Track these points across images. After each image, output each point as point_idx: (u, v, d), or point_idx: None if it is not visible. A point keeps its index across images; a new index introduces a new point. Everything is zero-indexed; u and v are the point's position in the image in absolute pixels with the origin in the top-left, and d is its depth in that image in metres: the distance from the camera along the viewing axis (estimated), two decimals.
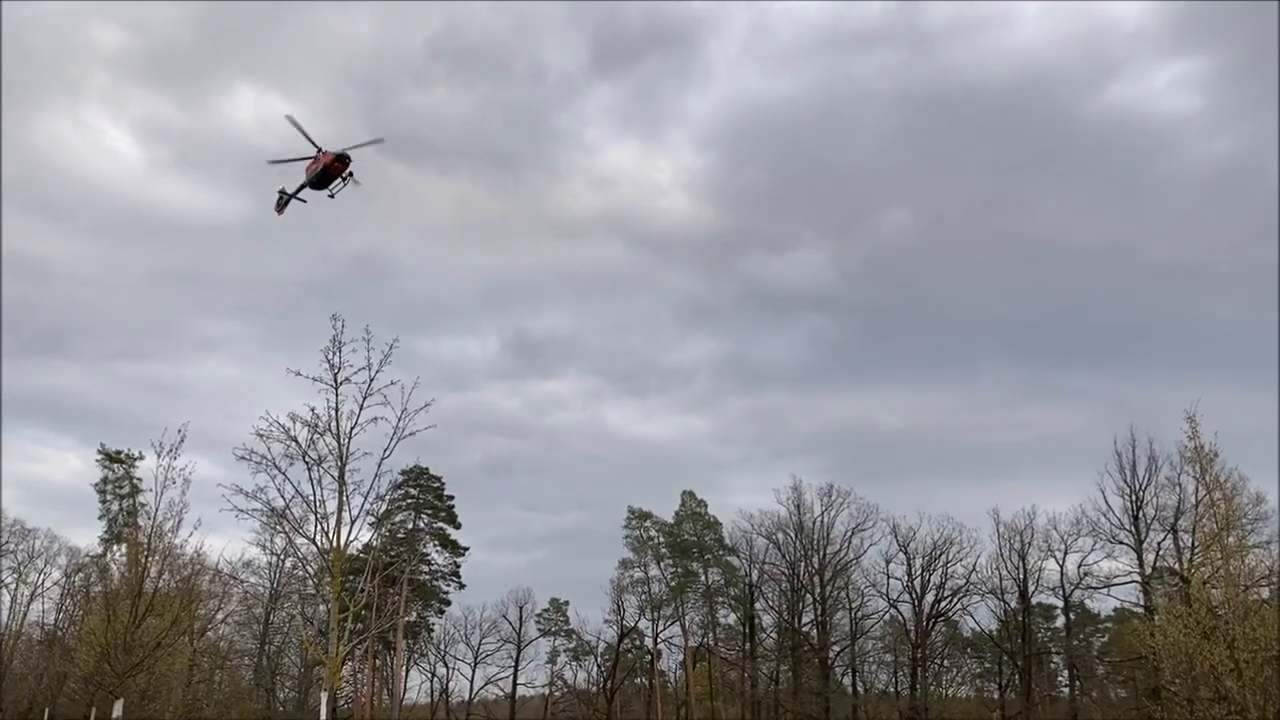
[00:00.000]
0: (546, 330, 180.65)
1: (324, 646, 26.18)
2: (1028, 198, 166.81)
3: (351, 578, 34.33)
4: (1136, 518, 70.76)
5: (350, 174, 44.60)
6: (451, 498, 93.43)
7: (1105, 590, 76.69)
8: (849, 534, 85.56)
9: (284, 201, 47.75)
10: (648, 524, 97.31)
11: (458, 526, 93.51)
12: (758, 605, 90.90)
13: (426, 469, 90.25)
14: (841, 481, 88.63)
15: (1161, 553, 69.82)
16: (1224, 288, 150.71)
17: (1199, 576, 40.81)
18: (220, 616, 76.97)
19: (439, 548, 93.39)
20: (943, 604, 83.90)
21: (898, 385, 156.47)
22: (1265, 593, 41.49)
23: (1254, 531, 55.85)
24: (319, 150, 45.17)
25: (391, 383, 25.67)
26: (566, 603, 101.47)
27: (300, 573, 65.81)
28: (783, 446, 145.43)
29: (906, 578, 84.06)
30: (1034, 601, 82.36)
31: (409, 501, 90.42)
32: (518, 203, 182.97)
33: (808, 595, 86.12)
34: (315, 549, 25.93)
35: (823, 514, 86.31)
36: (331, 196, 45.81)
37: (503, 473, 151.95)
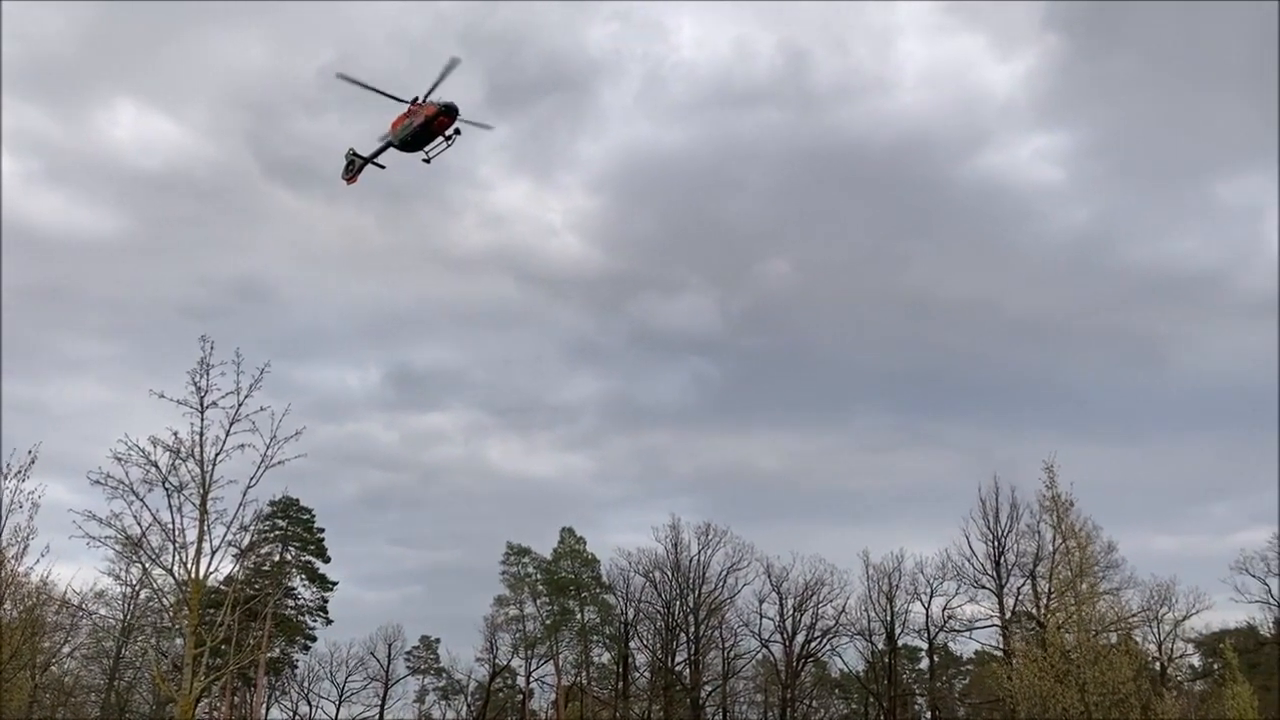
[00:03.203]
0: (430, 363, 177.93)
1: (177, 682, 24.92)
2: (903, 254, 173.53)
3: (211, 611, 32.87)
4: (998, 563, 73.42)
5: (458, 130, 37.13)
6: (322, 531, 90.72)
7: (968, 633, 79.29)
8: (724, 573, 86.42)
9: (357, 167, 40.85)
10: (526, 560, 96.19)
11: (327, 560, 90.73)
12: (632, 644, 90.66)
13: (297, 500, 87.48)
14: (719, 521, 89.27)
15: (1021, 597, 72.53)
16: (1079, 349, 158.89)
17: (1054, 621, 42.53)
18: (67, 650, 72.61)
19: (306, 581, 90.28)
20: (813, 644, 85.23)
21: (776, 429, 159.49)
22: (1114, 638, 43.49)
23: (1105, 579, 58.78)
24: (416, 100, 37.40)
25: (261, 409, 24.71)
26: (438, 640, 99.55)
27: (156, 605, 62.67)
28: (664, 486, 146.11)
29: (779, 617, 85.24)
30: (900, 643, 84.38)
31: (276, 533, 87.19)
32: (407, 235, 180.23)
33: (682, 634, 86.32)
34: (173, 580, 24.73)
35: (699, 553, 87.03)
36: (427, 160, 38.28)
37: (379, 506, 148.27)
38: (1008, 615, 72.37)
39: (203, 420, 24.68)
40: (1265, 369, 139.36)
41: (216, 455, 24.52)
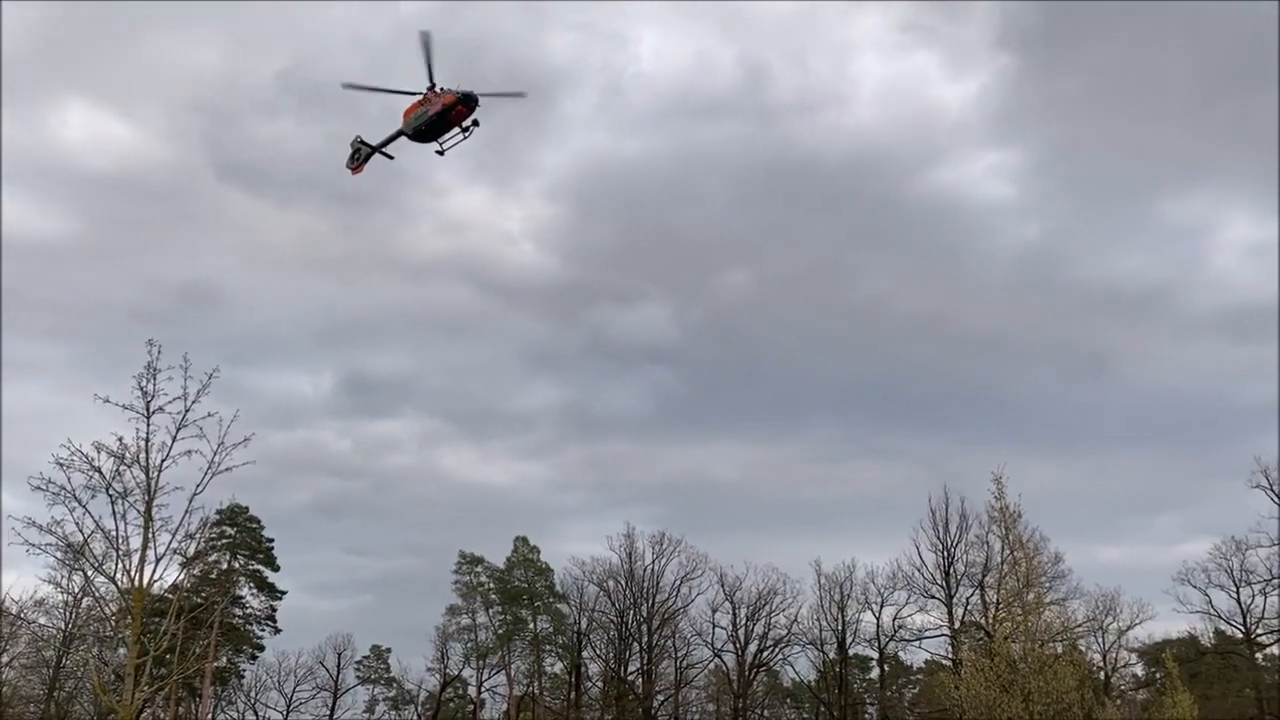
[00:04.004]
0: (385, 370, 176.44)
1: (119, 693, 24.45)
2: (857, 266, 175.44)
3: (156, 620, 32.30)
4: (948, 573, 74.29)
5: (476, 122, 35.71)
6: (271, 539, 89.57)
7: (918, 643, 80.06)
8: (678, 582, 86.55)
9: (363, 157, 38.94)
10: (479, 569, 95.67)
11: (275, 569, 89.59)
12: (585, 653, 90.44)
13: (246, 508, 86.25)
14: (674, 530, 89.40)
15: (969, 607, 73.43)
16: (1028, 362, 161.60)
17: (1001, 632, 43.06)
18: (4, 659, 70.92)
19: (254, 590, 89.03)
20: (765, 654, 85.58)
21: (732, 439, 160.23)
22: (1060, 647, 44.14)
23: (1052, 589, 59.73)
24: (433, 88, 35.78)
25: (209, 414, 24.34)
26: (388, 650, 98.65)
27: (98, 613, 61.42)
28: (620, 495, 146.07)
29: (731, 627, 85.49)
30: (851, 653, 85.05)
31: (225, 541, 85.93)
32: (362, 241, 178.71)
33: (635, 643, 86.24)
34: (116, 588, 24.25)
35: (654, 562, 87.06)
36: (441, 153, 36.61)
37: (331, 515, 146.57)
38: (957, 625, 73.20)
39: (149, 425, 24.23)
40: (1208, 384, 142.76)
41: (162, 461, 24.08)
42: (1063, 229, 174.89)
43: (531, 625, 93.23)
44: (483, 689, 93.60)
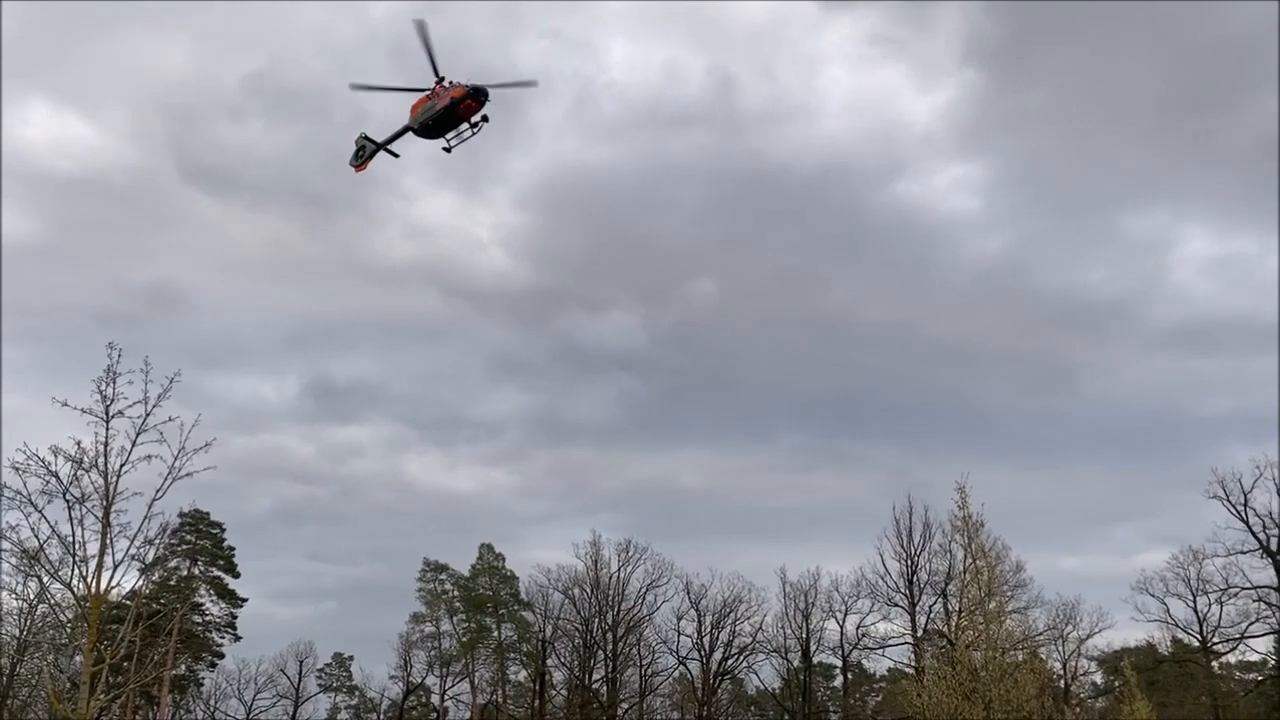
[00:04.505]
0: (351, 376, 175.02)
1: (75, 701, 24.04)
2: (824, 276, 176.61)
3: (113, 627, 31.80)
4: (911, 582, 74.85)
5: (485, 117, 34.84)
6: (232, 545, 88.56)
7: (881, 651, 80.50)
8: (644, 590, 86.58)
9: (368, 153, 37.97)
10: (443, 577, 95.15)
11: (236, 575, 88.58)
12: (549, 661, 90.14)
13: (207, 514, 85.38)
14: (640, 538, 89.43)
15: (932, 616, 74.04)
16: (992, 373, 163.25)
17: (963, 640, 43.34)
18: None
19: (215, 597, 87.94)
20: (730, 662, 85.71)
21: (699, 447, 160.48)
22: (1020, 656, 44.55)
23: (1014, 598, 60.36)
24: (441, 81, 34.77)
25: (170, 419, 24.02)
26: (351, 657, 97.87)
27: (54, 620, 60.35)
28: (587, 502, 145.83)
29: (696, 635, 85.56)
30: (815, 661, 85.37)
31: (185, 547, 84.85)
32: (330, 245, 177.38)
33: (600, 651, 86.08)
34: (72, 595, 23.86)
35: (619, 570, 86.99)
36: (448, 150, 35.70)
37: (294, 521, 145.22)
38: (919, 633, 73.72)
39: (108, 430, 23.87)
40: (1166, 396, 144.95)
41: (121, 466, 23.73)
42: (1026, 242, 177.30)
43: (496, 633, 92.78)
44: (446, 697, 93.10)
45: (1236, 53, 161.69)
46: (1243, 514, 69.80)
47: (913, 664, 73.84)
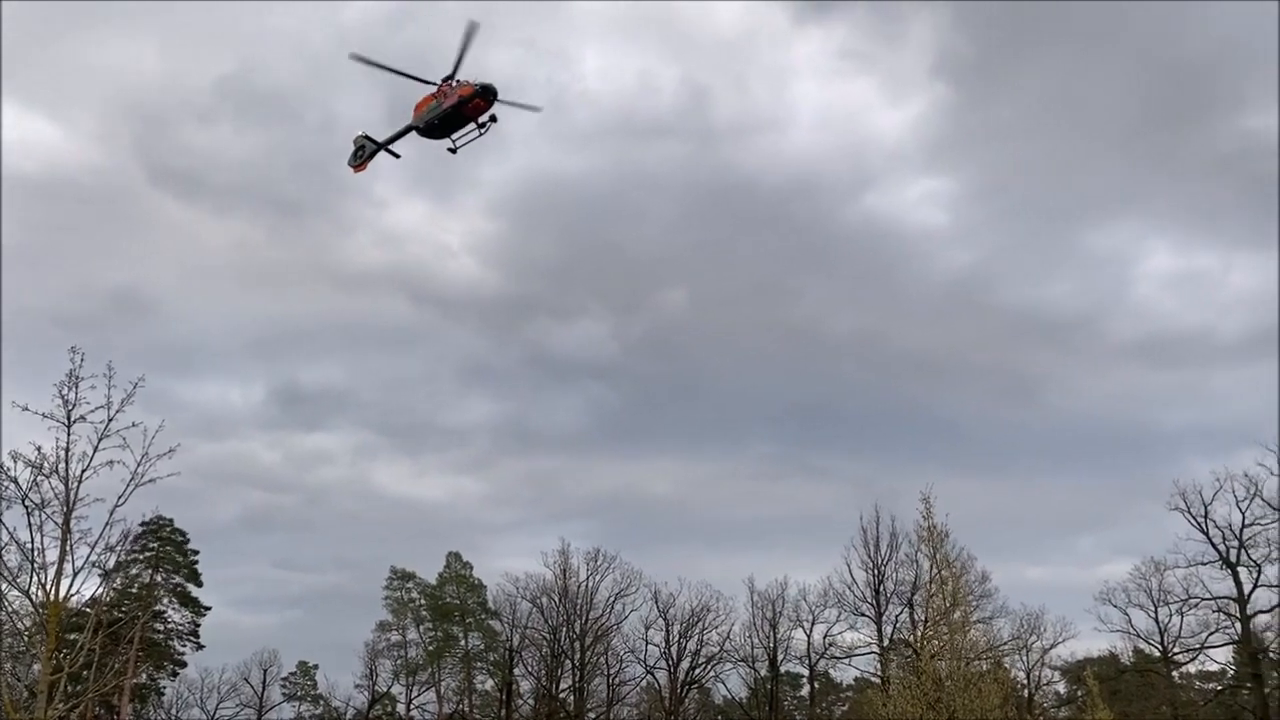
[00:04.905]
0: (319, 382, 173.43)
1: (31, 710, 23.71)
2: (795, 287, 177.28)
3: (73, 635, 31.35)
4: (878, 591, 75.24)
5: (494, 117, 33.85)
6: (196, 552, 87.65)
7: (847, 660, 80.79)
8: (612, 599, 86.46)
9: (368, 153, 36.78)
10: (410, 585, 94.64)
11: (200, 583, 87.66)
12: (516, 671, 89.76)
13: (170, 520, 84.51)
14: (609, 547, 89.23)
15: (898, 625, 74.40)
16: (959, 385, 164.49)
17: (928, 650, 43.63)
18: None
19: (177, 605, 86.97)
20: (697, 671, 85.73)
21: (668, 455, 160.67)
22: (985, 665, 44.93)
23: (979, 608, 60.88)
24: (449, 80, 33.63)
25: (133, 424, 23.74)
26: (316, 666, 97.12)
27: (10, 628, 59.34)
28: (556, 511, 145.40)
29: (665, 644, 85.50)
30: (782, 670, 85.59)
31: (147, 554, 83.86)
32: (299, 251, 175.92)
33: (567, 660, 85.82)
34: (30, 602, 23.51)
35: (588, 579, 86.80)
36: (454, 151, 34.66)
37: (260, 528, 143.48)
38: (886, 643, 74.06)
39: (69, 435, 23.57)
40: (1129, 409, 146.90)
41: (83, 472, 23.42)
42: (993, 255, 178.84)
43: (463, 642, 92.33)
44: (412, 706, 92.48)
45: (1199, 72, 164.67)
46: (1203, 525, 70.88)
47: (879, 674, 74.25)
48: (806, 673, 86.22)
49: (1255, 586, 69.08)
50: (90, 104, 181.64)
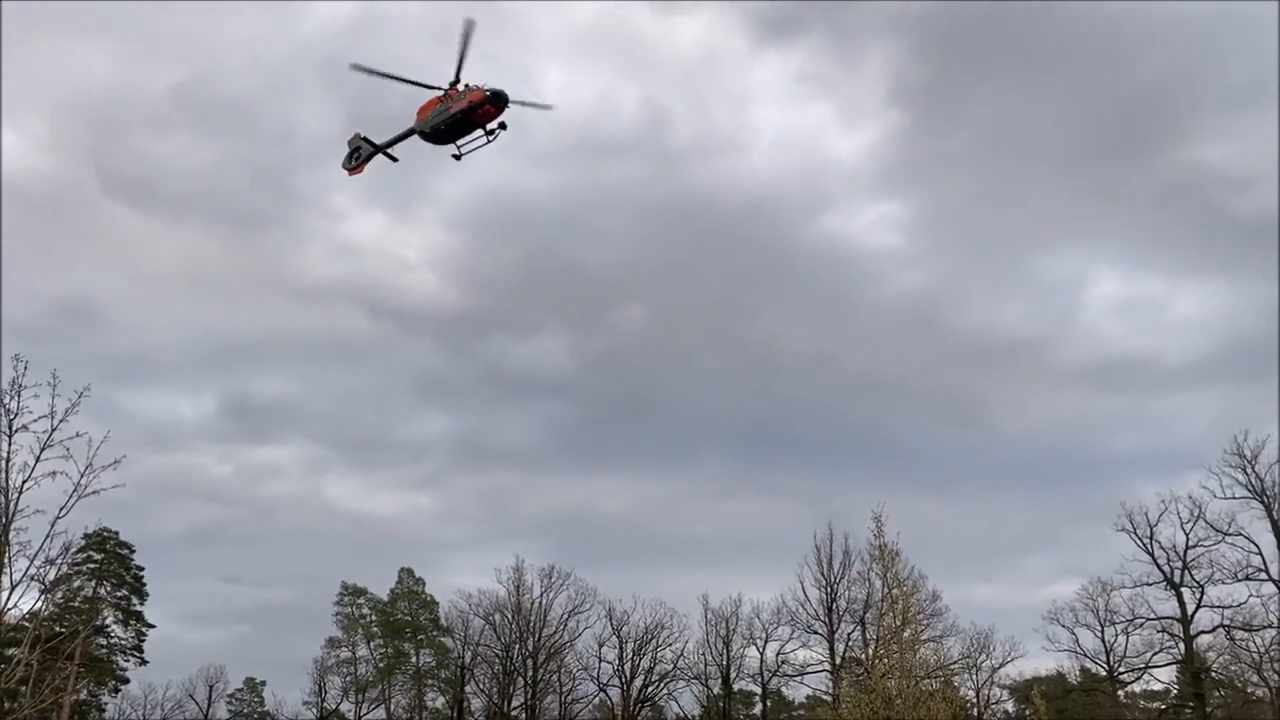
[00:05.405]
0: (271, 395, 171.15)
1: None
2: (751, 306, 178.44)
3: (11, 651, 30.60)
4: (830, 609, 75.65)
5: (504, 124, 33.31)
6: (141, 566, 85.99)
7: (800, 678, 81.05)
8: (565, 616, 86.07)
9: (364, 156, 35.62)
10: (361, 601, 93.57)
11: (144, 597, 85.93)
12: (468, 688, 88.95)
13: (115, 533, 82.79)
14: (564, 564, 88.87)
15: (850, 643, 74.79)
16: (911, 405, 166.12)
17: (879, 668, 43.97)
18: None
19: (121, 619, 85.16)
20: (650, 689, 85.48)
21: (624, 473, 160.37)
22: (935, 684, 45.31)
23: (929, 627, 61.38)
24: (456, 84, 32.63)
25: (77, 434, 23.31)
26: (263, 683, 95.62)
27: None
28: (510, 527, 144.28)
29: (618, 661, 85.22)
30: (735, 688, 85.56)
31: (90, 567, 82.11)
32: (253, 262, 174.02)
33: (520, 678, 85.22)
34: None
35: (542, 595, 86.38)
36: (458, 157, 33.76)
37: (208, 542, 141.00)
38: (838, 661, 74.41)
39: (10, 444, 23.08)
40: (1076, 432, 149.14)
41: (24, 482, 22.92)
42: (945, 279, 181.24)
43: (414, 659, 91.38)
44: None
45: (1146, 104, 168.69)
46: (1148, 547, 72.10)
47: (831, 691, 74.54)
48: (759, 690, 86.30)
49: (1198, 607, 70.34)
50: (43, 110, 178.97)
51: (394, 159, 36.14)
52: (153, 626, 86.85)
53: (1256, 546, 67.24)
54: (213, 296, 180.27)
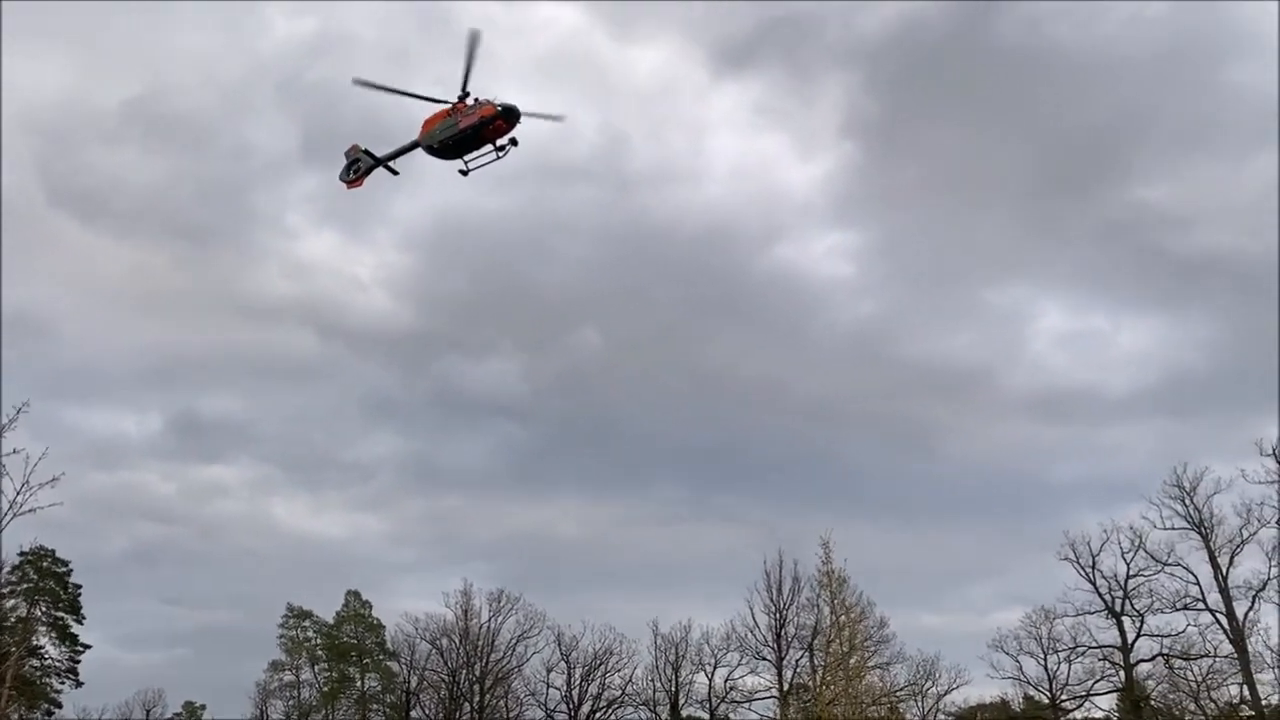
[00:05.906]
0: (218, 413, 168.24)
1: None
2: (706, 332, 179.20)
3: None
4: (779, 635, 75.83)
5: (514, 140, 32.65)
6: (79, 585, 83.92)
7: (748, 704, 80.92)
8: (514, 641, 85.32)
9: (364, 168, 35.25)
10: (306, 624, 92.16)
11: (81, 618, 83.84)
12: (414, 713, 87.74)
13: (52, 551, 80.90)
14: (514, 588, 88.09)
15: (799, 670, 74.97)
16: (860, 433, 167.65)
17: (826, 695, 44.16)
18: None
19: (55, 640, 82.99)
20: (598, 715, 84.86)
21: (576, 496, 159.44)
22: (881, 711, 45.63)
23: (876, 653, 61.80)
24: (464, 98, 31.85)
25: (14, 451, 22.89)
26: (203, 706, 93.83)
27: None
28: (461, 551, 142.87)
29: (566, 687, 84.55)
30: (684, 714, 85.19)
31: (25, 586, 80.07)
32: (203, 279, 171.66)
33: (466, 704, 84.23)
34: None
35: (490, 620, 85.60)
36: (465, 173, 33.02)
37: (149, 562, 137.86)
38: (786, 687, 74.53)
39: None
40: (1021, 461, 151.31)
41: None
42: (896, 308, 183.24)
43: (359, 683, 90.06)
44: None
45: (1091, 143, 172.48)
46: (1091, 576, 73.27)
47: (778, 718, 74.61)
48: (707, 717, 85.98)
49: (1138, 636, 71.55)
50: None
51: (394, 172, 35.86)
52: (89, 647, 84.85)
53: (1195, 576, 68.79)
54: (162, 313, 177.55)
